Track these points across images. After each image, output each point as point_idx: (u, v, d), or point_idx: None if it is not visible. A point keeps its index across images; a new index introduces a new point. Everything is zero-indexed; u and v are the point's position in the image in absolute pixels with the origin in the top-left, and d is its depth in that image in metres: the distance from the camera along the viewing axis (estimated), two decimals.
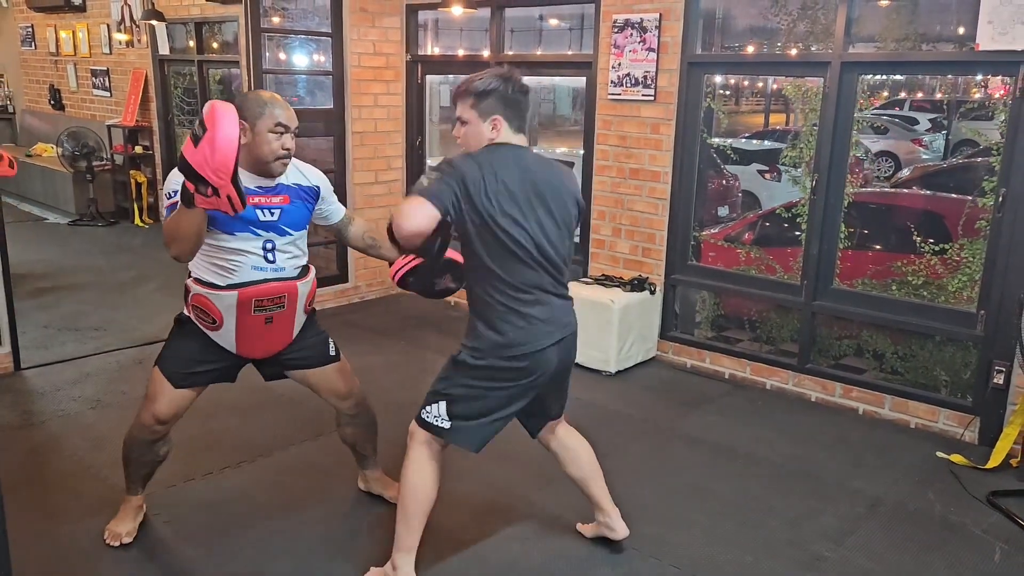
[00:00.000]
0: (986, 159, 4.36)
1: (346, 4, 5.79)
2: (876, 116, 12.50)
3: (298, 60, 6.54)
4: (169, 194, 2.54)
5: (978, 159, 6.96)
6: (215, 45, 8.21)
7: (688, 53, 4.71)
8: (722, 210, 6.98)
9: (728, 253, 5.18)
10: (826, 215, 4.39)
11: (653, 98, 4.83)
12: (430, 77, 6.38)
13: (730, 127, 5.69)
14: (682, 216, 4.92)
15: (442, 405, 2.54)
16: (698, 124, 4.82)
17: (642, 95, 4.86)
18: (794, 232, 4.77)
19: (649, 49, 4.78)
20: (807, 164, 4.52)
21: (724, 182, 7.22)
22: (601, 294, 4.82)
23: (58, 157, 8.78)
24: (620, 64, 4.92)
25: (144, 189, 8.78)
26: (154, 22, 7.99)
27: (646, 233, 5.03)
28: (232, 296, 2.65)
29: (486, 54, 5.78)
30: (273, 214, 2.68)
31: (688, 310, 5.24)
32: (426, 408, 2.58)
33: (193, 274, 2.73)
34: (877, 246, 5.11)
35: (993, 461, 3.69)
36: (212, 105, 2.29)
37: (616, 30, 4.90)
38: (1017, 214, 3.79)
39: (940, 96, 14.09)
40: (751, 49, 4.96)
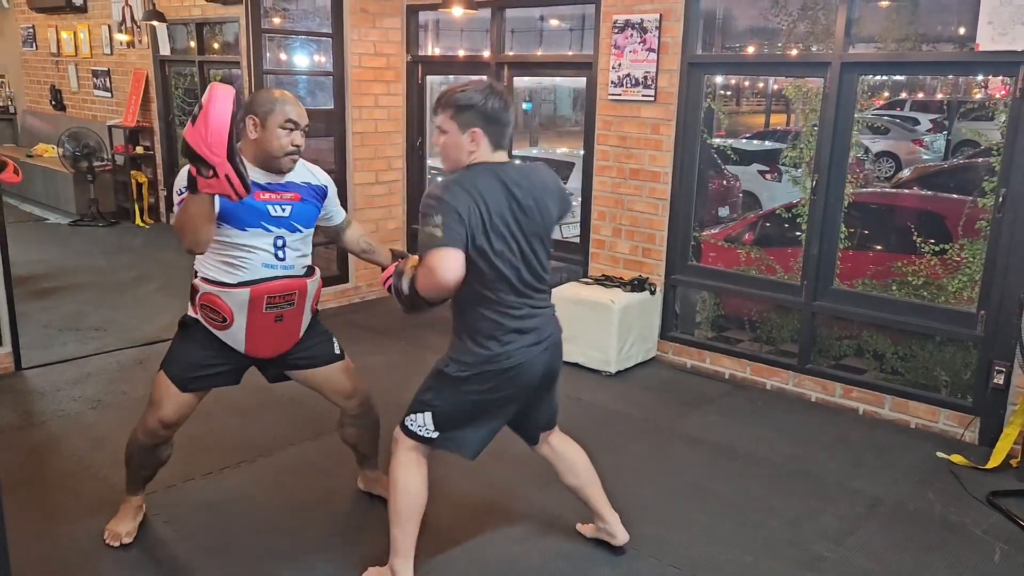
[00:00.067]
0: (986, 159, 4.36)
1: (347, 5, 5.79)
2: (877, 116, 12.49)
3: (299, 61, 6.55)
4: (179, 190, 2.54)
5: (979, 159, 6.97)
6: (216, 46, 8.22)
7: (688, 53, 4.71)
8: (723, 210, 6.98)
9: (728, 253, 5.18)
10: (826, 215, 4.39)
11: (653, 98, 4.83)
12: (430, 78, 6.38)
13: (731, 127, 5.70)
14: (682, 216, 4.92)
15: (427, 416, 2.54)
16: (698, 124, 4.82)
17: (642, 95, 4.87)
18: (794, 232, 4.77)
19: (649, 49, 4.78)
20: (807, 164, 4.53)
21: (725, 182, 7.23)
22: (601, 294, 4.82)
23: (59, 158, 8.79)
24: (620, 64, 4.92)
25: (145, 189, 8.79)
26: (155, 23, 8.00)
27: (646, 233, 5.03)
28: (244, 293, 2.65)
29: (487, 55, 5.79)
30: (284, 210, 2.70)
31: (688, 310, 5.24)
32: (411, 416, 2.57)
33: (200, 274, 2.72)
34: (877, 246, 5.11)
35: (993, 461, 3.69)
36: (211, 86, 2.32)
37: (616, 30, 4.90)
38: (1017, 214, 3.79)
39: (941, 97, 14.09)
40: (751, 49, 4.96)
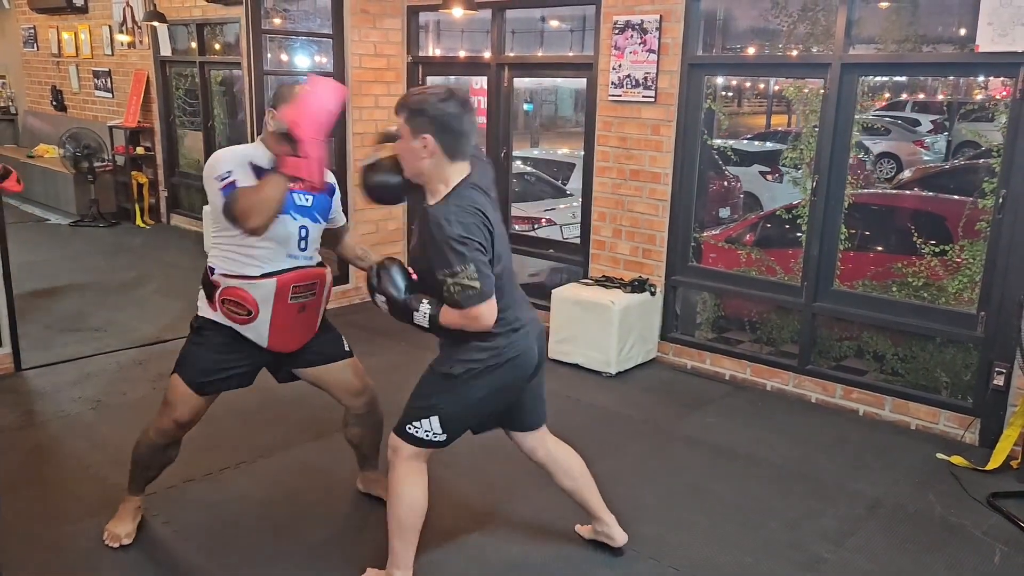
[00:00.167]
0: (987, 161, 4.35)
1: (347, 5, 5.79)
2: (878, 118, 12.50)
3: (299, 61, 6.55)
4: (221, 176, 2.58)
5: (979, 160, 6.96)
6: (217, 46, 8.22)
7: (688, 54, 4.71)
8: (723, 211, 6.98)
9: (728, 254, 5.18)
10: (826, 216, 4.39)
11: (654, 99, 4.83)
12: (431, 78, 6.38)
13: (732, 128, 5.70)
14: (682, 217, 4.92)
15: (434, 420, 2.52)
16: (699, 125, 4.82)
17: (643, 96, 4.86)
18: (795, 233, 4.76)
19: (650, 50, 4.78)
20: (808, 165, 4.52)
21: (725, 183, 7.22)
22: (601, 295, 4.82)
23: (60, 158, 8.79)
24: (621, 65, 4.92)
25: (145, 190, 8.79)
26: (156, 23, 8.00)
27: (646, 234, 5.03)
28: (270, 284, 2.67)
29: (487, 55, 5.79)
30: (307, 200, 2.74)
31: (688, 311, 5.24)
32: (413, 424, 2.54)
33: (218, 270, 2.72)
34: (878, 247, 5.11)
35: (993, 463, 3.69)
36: (322, 79, 2.55)
37: (617, 31, 4.90)
38: (1017, 215, 3.79)
39: (942, 98, 14.09)
40: (752, 50, 4.96)
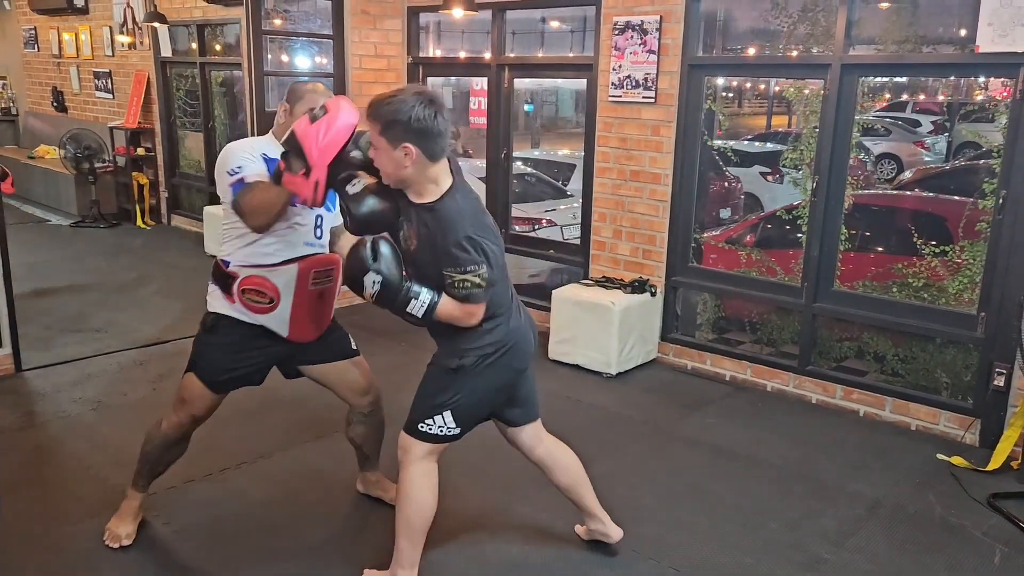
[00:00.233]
0: (987, 161, 4.35)
1: (347, 6, 5.80)
2: (879, 118, 12.50)
3: (300, 62, 6.55)
4: (232, 171, 2.60)
5: (980, 161, 6.97)
6: (217, 47, 8.22)
7: (689, 55, 4.71)
8: (724, 212, 6.98)
9: (729, 255, 5.18)
10: (827, 217, 4.39)
11: (654, 100, 4.83)
12: (431, 79, 6.39)
13: (733, 129, 5.71)
14: (683, 218, 4.92)
15: (447, 415, 2.53)
16: (699, 126, 4.82)
17: (643, 97, 4.87)
18: (795, 234, 4.76)
19: (650, 51, 4.78)
20: (808, 166, 4.52)
21: (726, 184, 7.23)
22: (602, 296, 4.82)
23: (60, 159, 8.80)
24: (621, 66, 4.92)
25: (146, 191, 8.80)
26: (156, 24, 8.00)
27: (647, 235, 5.03)
28: (292, 269, 2.69)
29: (487, 56, 5.79)
30: None
31: (689, 312, 5.24)
32: (425, 423, 2.54)
33: (234, 262, 2.72)
34: (878, 248, 5.11)
35: (994, 463, 3.69)
36: (340, 98, 2.44)
37: (617, 32, 4.90)
38: (1017, 216, 3.79)
39: (942, 99, 14.09)
40: (752, 51, 4.96)
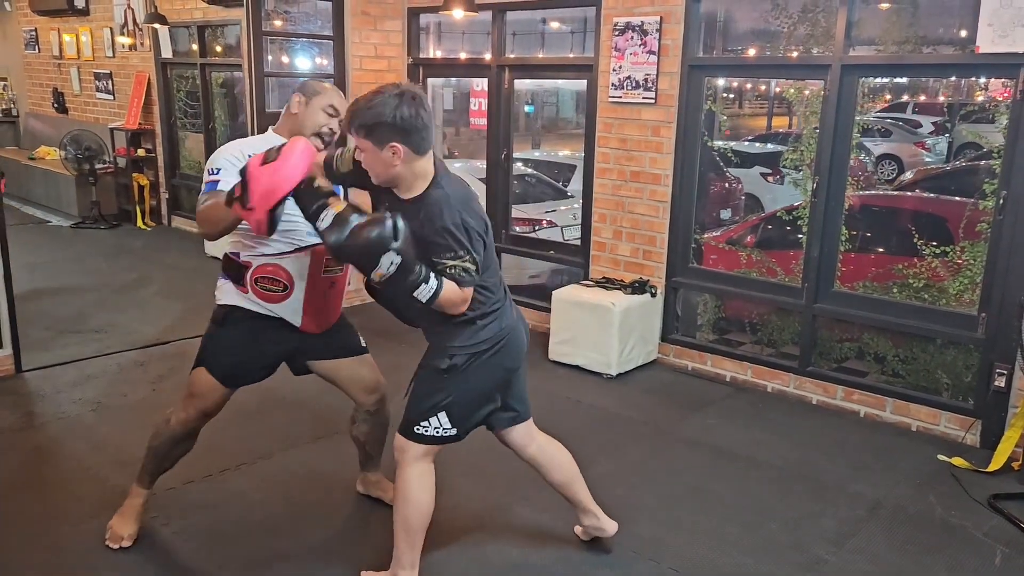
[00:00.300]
0: (988, 162, 4.35)
1: (348, 7, 5.80)
2: (879, 119, 12.50)
3: (300, 63, 6.55)
4: (212, 170, 2.61)
5: (980, 162, 6.96)
6: (218, 48, 8.23)
7: (689, 56, 4.71)
8: (724, 213, 6.98)
9: (729, 256, 5.18)
10: (827, 218, 4.39)
11: (654, 101, 4.83)
12: (432, 80, 6.39)
13: (733, 130, 5.71)
14: (683, 219, 4.92)
15: (442, 416, 2.53)
16: (699, 127, 4.82)
17: (643, 98, 4.86)
18: (795, 235, 4.76)
19: (650, 52, 4.78)
20: (808, 167, 4.52)
21: (726, 185, 7.23)
22: (602, 297, 4.82)
23: (61, 160, 8.80)
24: (621, 67, 4.92)
25: (147, 192, 8.80)
26: (157, 25, 8.01)
27: (647, 236, 5.02)
28: (304, 257, 2.70)
29: (488, 57, 5.79)
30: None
31: (689, 313, 5.23)
32: (420, 424, 2.54)
33: (243, 255, 2.73)
34: (878, 249, 5.10)
35: (994, 464, 3.68)
36: (297, 139, 2.37)
37: (617, 33, 4.90)
38: (1018, 217, 3.79)
39: (943, 99, 14.09)
40: (752, 52, 4.96)
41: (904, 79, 12.62)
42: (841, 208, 4.38)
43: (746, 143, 10.14)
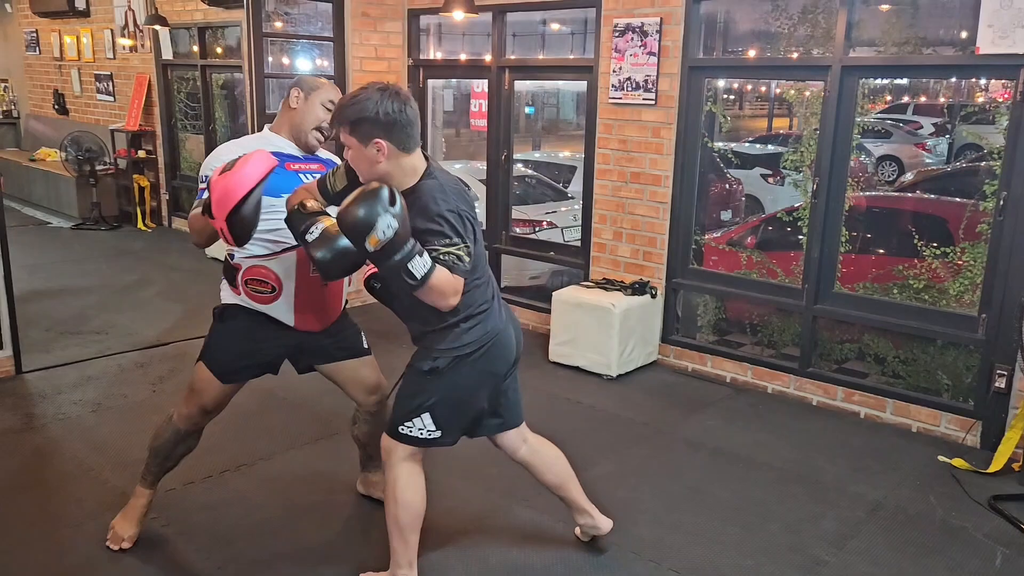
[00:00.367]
0: (988, 163, 4.35)
1: (348, 9, 5.80)
2: (879, 120, 12.50)
3: (300, 64, 6.56)
4: (202, 178, 2.64)
5: (981, 163, 6.96)
6: (218, 50, 8.24)
7: (689, 57, 4.71)
8: (725, 214, 6.98)
9: (730, 257, 5.18)
10: (827, 219, 4.38)
11: (654, 102, 4.83)
12: (432, 81, 6.39)
13: (734, 131, 5.71)
14: (683, 220, 4.92)
15: (426, 417, 2.52)
16: (699, 128, 4.82)
17: (643, 99, 4.87)
18: (796, 236, 4.76)
19: (650, 53, 4.79)
20: (809, 168, 4.52)
21: (727, 186, 7.23)
22: (602, 298, 4.82)
23: (62, 162, 8.81)
24: (621, 68, 4.92)
25: (147, 193, 8.81)
26: (157, 27, 8.02)
27: (647, 237, 5.02)
28: (290, 257, 2.70)
29: (488, 58, 5.79)
30: (314, 178, 2.75)
31: (689, 314, 5.23)
32: (405, 425, 2.54)
33: (237, 255, 2.75)
34: (879, 250, 5.10)
35: (995, 465, 3.68)
36: (258, 152, 2.38)
37: (617, 34, 4.90)
38: (1018, 218, 3.79)
39: (943, 100, 14.09)
40: (752, 53, 4.96)
41: (904, 80, 12.63)
42: (841, 209, 4.38)
43: (746, 144, 10.15)
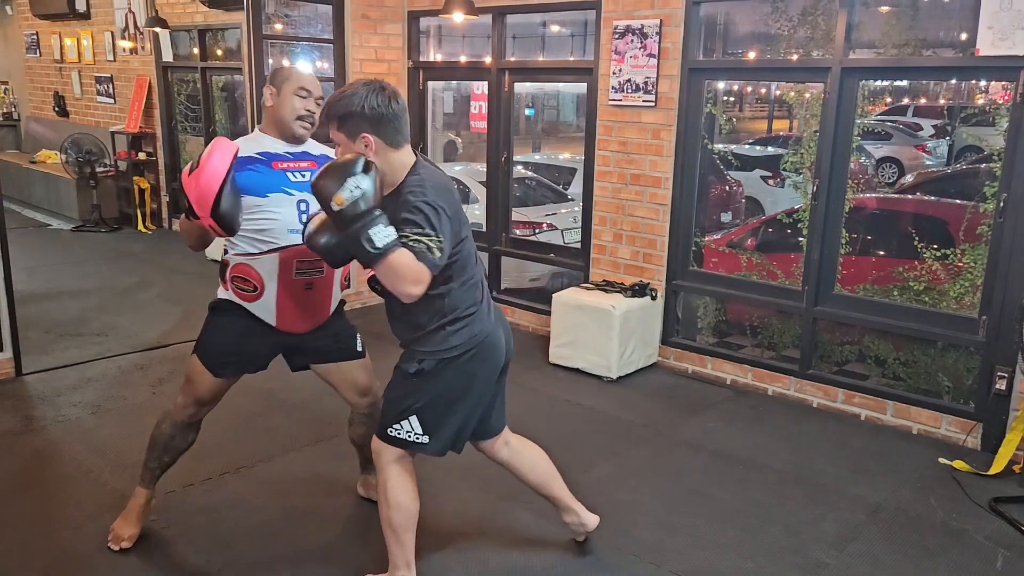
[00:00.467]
0: (988, 165, 4.35)
1: (348, 11, 5.81)
2: (879, 122, 12.50)
3: (301, 66, 6.56)
4: None
5: (981, 165, 6.97)
6: (218, 52, 8.24)
7: (689, 59, 4.71)
8: (725, 216, 6.98)
9: (730, 259, 5.18)
10: (827, 221, 4.38)
11: (654, 104, 4.83)
12: (432, 83, 6.39)
13: (734, 133, 5.71)
14: (683, 222, 4.92)
15: (413, 420, 2.51)
16: (699, 130, 4.82)
17: (643, 101, 4.87)
18: (796, 238, 4.76)
19: (650, 55, 4.79)
20: (809, 170, 4.52)
21: (727, 188, 7.23)
22: (602, 300, 4.82)
23: (62, 164, 8.81)
24: (621, 70, 4.93)
25: (147, 195, 8.81)
26: (158, 29, 8.03)
27: (647, 239, 5.02)
28: (273, 258, 2.70)
29: (488, 60, 5.80)
30: (304, 176, 2.75)
31: (690, 316, 5.23)
32: (393, 427, 2.53)
33: (230, 250, 2.77)
34: (879, 252, 5.10)
35: (995, 467, 3.68)
36: (215, 140, 2.45)
37: (617, 36, 4.91)
38: (1018, 219, 3.78)
39: (943, 102, 14.09)
40: (752, 55, 4.96)
41: (904, 82, 12.62)
42: (841, 211, 4.38)
43: (746, 146, 10.15)
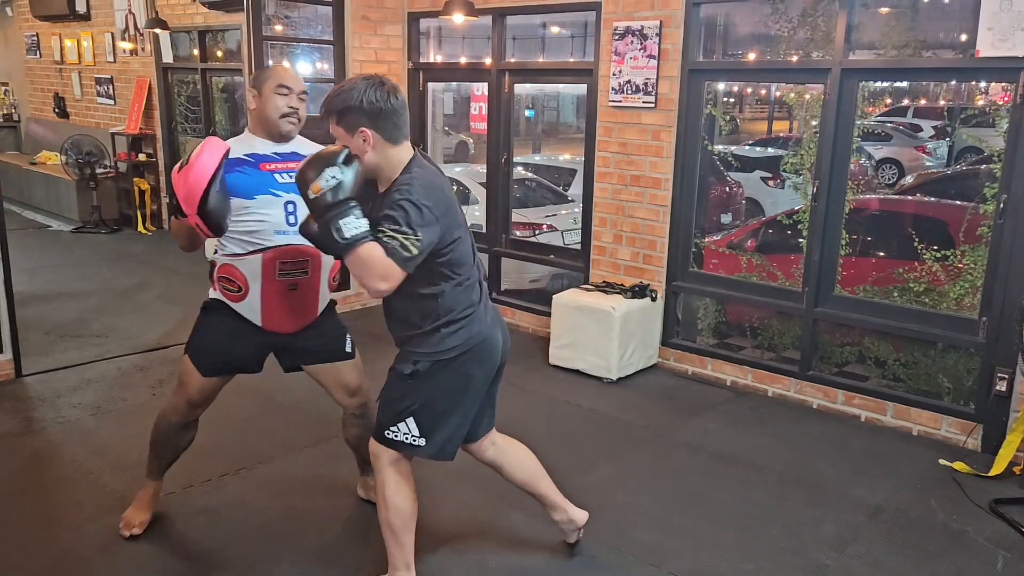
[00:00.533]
0: (988, 166, 4.35)
1: (348, 12, 5.81)
2: (879, 123, 12.50)
3: (301, 68, 6.54)
4: None
5: (981, 166, 6.97)
6: (218, 53, 8.24)
7: (689, 60, 4.71)
8: (725, 217, 6.98)
9: (730, 260, 5.18)
10: (827, 222, 4.38)
11: (654, 105, 4.83)
12: (432, 84, 6.39)
13: (734, 134, 5.71)
14: (683, 223, 4.92)
15: (410, 422, 2.50)
16: (699, 131, 4.82)
17: (643, 102, 4.87)
18: (796, 239, 4.76)
19: (650, 56, 4.79)
20: (809, 171, 4.52)
21: (727, 189, 7.23)
22: (602, 301, 4.82)
23: (62, 165, 8.82)
24: (621, 71, 4.93)
25: (147, 196, 8.81)
26: (158, 31, 8.03)
27: (647, 240, 5.02)
28: (256, 259, 2.71)
29: (488, 61, 5.80)
30: (292, 177, 2.72)
31: (690, 317, 5.23)
32: (390, 429, 2.52)
33: (219, 251, 2.79)
34: (879, 253, 5.10)
35: (996, 469, 3.67)
36: (207, 140, 2.48)
37: (617, 37, 4.91)
38: (1018, 220, 3.78)
39: (943, 103, 14.09)
40: (752, 56, 4.96)
41: (904, 83, 12.62)
42: (841, 212, 4.38)
43: (746, 147, 10.16)
